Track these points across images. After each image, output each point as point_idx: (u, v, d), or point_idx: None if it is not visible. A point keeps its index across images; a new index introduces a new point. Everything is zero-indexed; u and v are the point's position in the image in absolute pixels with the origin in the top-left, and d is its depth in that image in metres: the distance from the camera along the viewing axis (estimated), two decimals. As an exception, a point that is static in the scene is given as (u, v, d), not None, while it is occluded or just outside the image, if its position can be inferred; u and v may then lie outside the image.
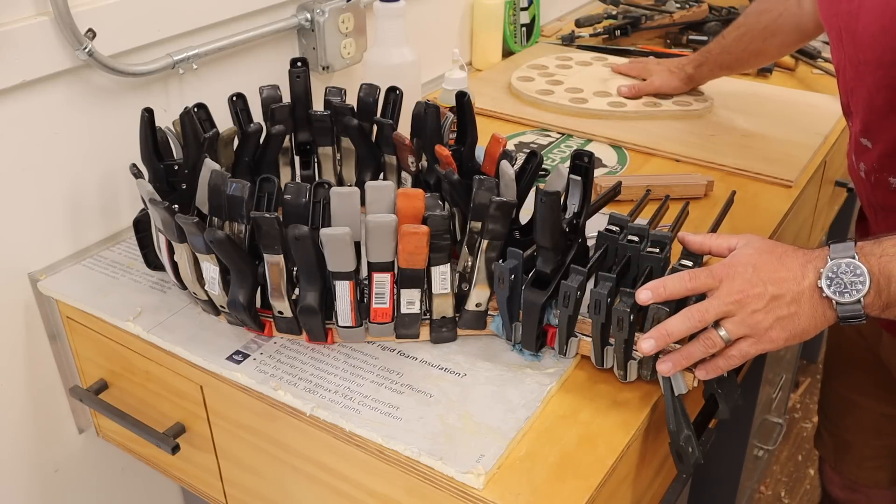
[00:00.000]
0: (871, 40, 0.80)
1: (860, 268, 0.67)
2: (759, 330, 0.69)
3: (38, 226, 0.92)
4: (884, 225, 0.93)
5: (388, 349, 0.81)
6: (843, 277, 0.67)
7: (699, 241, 0.78)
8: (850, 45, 0.84)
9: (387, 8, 1.11)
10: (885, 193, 0.88)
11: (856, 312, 0.68)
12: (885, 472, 1.21)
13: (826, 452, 1.29)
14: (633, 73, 1.38)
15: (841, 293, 0.68)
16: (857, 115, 0.88)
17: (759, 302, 0.69)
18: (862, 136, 0.88)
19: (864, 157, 0.89)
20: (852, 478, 1.25)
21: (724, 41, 1.24)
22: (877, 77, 0.81)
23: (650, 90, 1.32)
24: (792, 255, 0.71)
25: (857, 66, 0.84)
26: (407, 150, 0.93)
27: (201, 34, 1.02)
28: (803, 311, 0.69)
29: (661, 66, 1.34)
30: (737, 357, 0.71)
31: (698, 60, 1.29)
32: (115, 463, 1.09)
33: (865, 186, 0.92)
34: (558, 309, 0.75)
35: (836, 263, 0.68)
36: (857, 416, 1.19)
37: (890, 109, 0.82)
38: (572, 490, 0.66)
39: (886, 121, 0.83)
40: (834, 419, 1.25)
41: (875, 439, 1.19)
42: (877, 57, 0.80)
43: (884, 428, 1.17)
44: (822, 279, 0.68)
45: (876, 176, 0.88)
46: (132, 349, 0.87)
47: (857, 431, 1.21)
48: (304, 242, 0.73)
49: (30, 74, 0.85)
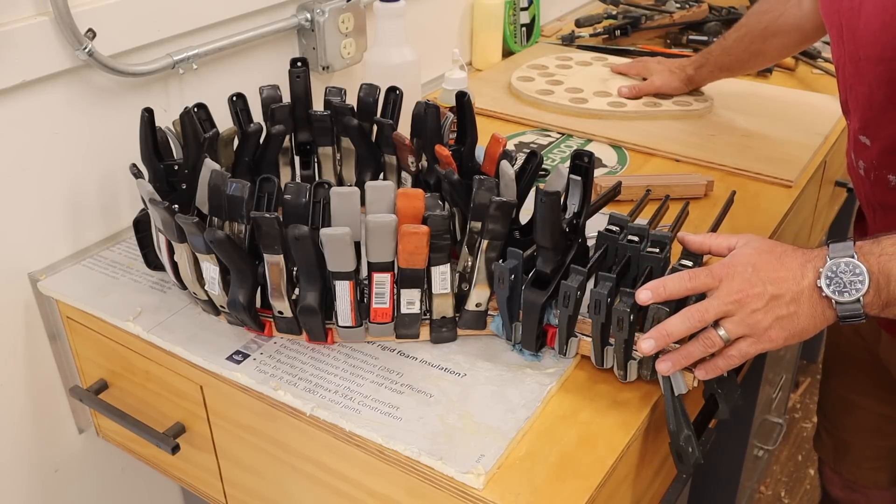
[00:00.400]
0: (871, 37, 0.80)
1: (859, 267, 0.67)
2: (759, 330, 0.69)
3: (38, 226, 0.92)
4: (882, 223, 0.93)
5: (388, 349, 0.81)
6: (843, 277, 0.67)
7: (699, 240, 0.78)
8: (850, 42, 0.84)
9: (387, 8, 1.11)
10: (885, 191, 0.88)
11: (855, 312, 0.68)
12: (885, 472, 1.21)
13: (826, 453, 1.29)
14: (634, 73, 1.38)
15: (840, 292, 0.68)
16: (856, 112, 0.88)
17: (758, 302, 0.69)
18: (861, 134, 0.87)
19: (864, 154, 0.89)
20: (852, 478, 1.25)
21: (724, 42, 1.24)
22: (877, 73, 0.81)
23: (650, 90, 1.32)
24: (791, 255, 0.71)
25: (857, 62, 0.84)
26: (407, 150, 0.93)
27: (201, 34, 1.02)
28: (802, 311, 0.69)
29: (662, 66, 1.34)
30: (736, 357, 0.71)
31: (699, 62, 1.29)
32: (115, 463, 1.09)
33: (864, 184, 0.92)
34: (558, 309, 0.75)
35: (835, 263, 0.68)
36: (856, 416, 1.19)
37: (890, 106, 0.82)
38: (572, 490, 0.66)
39: (885, 117, 0.83)
40: (833, 420, 1.25)
41: (875, 440, 1.19)
42: (877, 53, 0.80)
43: (883, 428, 1.17)
44: (822, 278, 0.68)
45: (875, 174, 0.88)
46: (132, 349, 0.87)
47: (857, 432, 1.21)
48: (304, 242, 0.73)
49: (30, 74, 0.85)
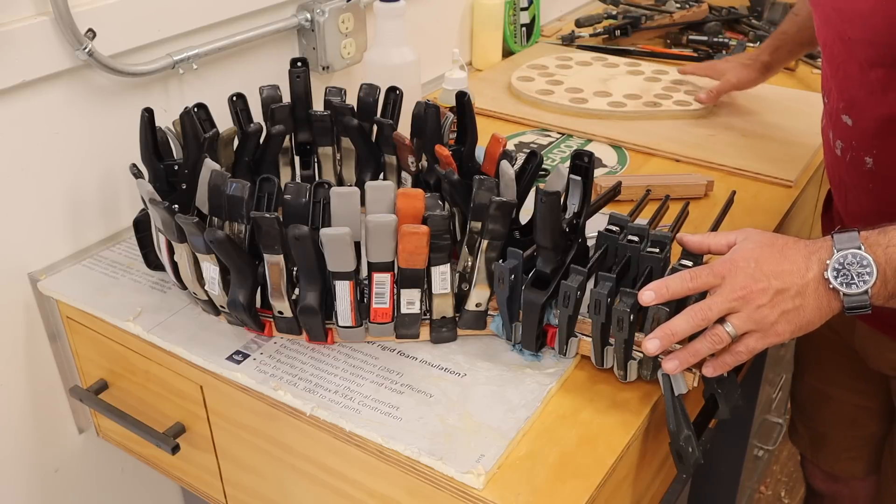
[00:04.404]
0: (861, 18, 0.79)
1: (867, 258, 0.67)
2: (765, 325, 0.69)
3: (38, 226, 0.92)
4: (854, 205, 0.92)
5: (388, 349, 0.81)
6: (850, 269, 0.67)
7: (697, 240, 0.78)
8: (838, 22, 0.84)
9: (387, 8, 1.11)
10: (859, 173, 0.87)
11: (862, 303, 0.68)
12: (861, 462, 1.21)
13: (803, 446, 1.29)
14: (703, 73, 1.34)
15: (848, 284, 0.67)
16: (840, 91, 0.87)
17: (763, 297, 0.68)
18: (844, 113, 0.87)
19: (843, 134, 0.88)
20: (831, 470, 1.26)
21: (797, 19, 1.18)
22: (868, 54, 0.81)
23: (728, 88, 1.27)
24: (793, 248, 0.71)
25: (846, 42, 0.83)
26: (407, 150, 0.93)
27: (201, 34, 1.02)
28: (808, 304, 0.69)
29: (733, 63, 1.29)
30: (744, 352, 0.70)
31: (774, 45, 1.22)
32: (115, 463, 1.09)
33: (839, 165, 0.91)
34: (558, 309, 0.75)
35: (843, 255, 0.68)
36: (832, 408, 1.20)
37: (877, 87, 0.81)
38: (572, 490, 0.66)
39: (872, 99, 0.82)
40: (809, 412, 1.25)
41: (850, 430, 1.20)
42: (867, 36, 0.79)
43: (858, 419, 1.18)
44: (829, 270, 0.68)
45: (852, 154, 0.87)
46: (132, 349, 0.87)
47: (833, 424, 1.21)
48: (304, 242, 0.73)
49: (30, 74, 0.85)
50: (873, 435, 1.18)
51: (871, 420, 1.16)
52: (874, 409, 1.15)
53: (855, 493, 1.26)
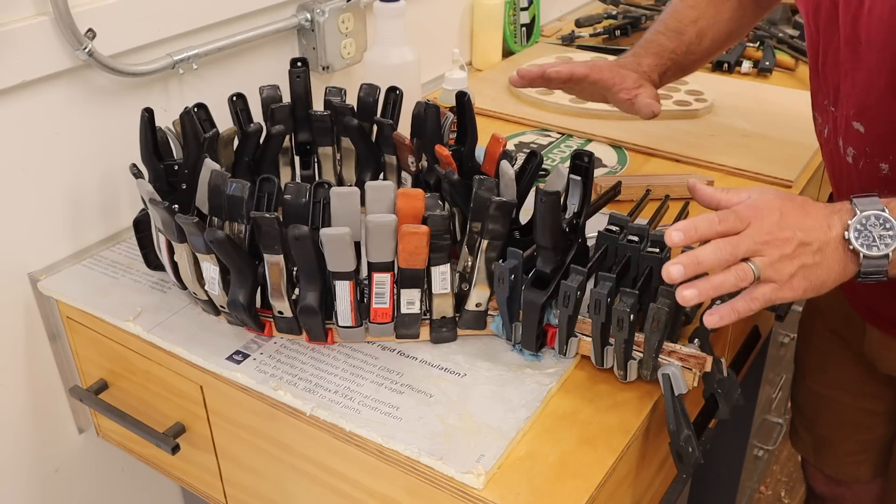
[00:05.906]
0: (877, 20, 0.79)
1: (890, 221, 0.66)
2: (784, 276, 0.67)
3: (38, 226, 0.92)
4: None
5: (388, 349, 0.81)
6: (872, 231, 0.67)
7: (709, 193, 0.75)
8: (848, 26, 0.83)
9: (387, 8, 1.11)
10: (874, 180, 0.87)
11: (880, 268, 0.67)
12: (868, 465, 1.21)
13: (805, 450, 1.28)
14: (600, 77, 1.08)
15: (869, 246, 0.67)
16: (850, 99, 0.87)
17: (787, 246, 0.67)
18: (855, 120, 0.86)
19: (855, 141, 0.87)
20: (834, 473, 1.25)
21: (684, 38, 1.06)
22: (881, 58, 0.80)
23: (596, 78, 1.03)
24: (814, 206, 0.70)
25: (855, 46, 0.83)
26: (407, 150, 0.93)
27: (201, 34, 1.02)
28: (826, 262, 0.68)
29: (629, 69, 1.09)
30: (759, 300, 0.68)
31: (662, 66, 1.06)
32: (115, 463, 1.09)
33: (850, 173, 0.90)
34: (558, 309, 0.75)
35: (865, 216, 0.67)
36: (835, 412, 1.19)
37: (890, 91, 0.81)
38: (572, 490, 0.66)
39: (885, 104, 0.82)
40: (810, 416, 1.24)
41: (855, 434, 1.19)
42: (883, 37, 0.79)
43: (864, 422, 1.17)
44: (850, 230, 0.67)
45: (866, 161, 0.87)
46: (132, 349, 0.87)
47: (836, 428, 1.20)
48: (304, 242, 0.73)
49: (30, 74, 0.85)
50: (880, 438, 1.17)
51: (879, 423, 1.16)
52: (881, 412, 1.14)
53: (858, 497, 1.25)
